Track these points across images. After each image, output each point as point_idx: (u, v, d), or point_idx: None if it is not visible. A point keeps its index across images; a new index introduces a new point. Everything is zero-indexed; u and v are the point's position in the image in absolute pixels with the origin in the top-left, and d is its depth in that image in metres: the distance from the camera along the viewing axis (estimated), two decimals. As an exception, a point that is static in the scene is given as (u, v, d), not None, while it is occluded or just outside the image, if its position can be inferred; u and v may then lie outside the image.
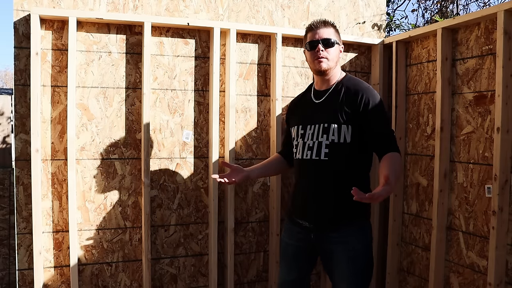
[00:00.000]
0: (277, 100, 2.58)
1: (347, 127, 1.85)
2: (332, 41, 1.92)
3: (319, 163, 1.88)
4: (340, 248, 1.85)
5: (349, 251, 1.84)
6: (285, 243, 2.04)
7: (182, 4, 2.48)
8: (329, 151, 1.86)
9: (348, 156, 1.86)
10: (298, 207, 1.98)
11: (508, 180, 2.07)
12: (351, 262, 1.84)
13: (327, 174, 1.88)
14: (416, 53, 2.67)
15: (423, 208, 2.60)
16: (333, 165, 1.87)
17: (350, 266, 1.84)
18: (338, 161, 1.86)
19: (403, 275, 2.76)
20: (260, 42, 2.62)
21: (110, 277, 2.39)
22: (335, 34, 1.95)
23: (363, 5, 2.90)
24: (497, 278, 2.07)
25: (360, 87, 1.90)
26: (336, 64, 1.96)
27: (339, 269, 1.86)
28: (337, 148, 1.86)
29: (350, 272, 1.84)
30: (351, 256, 1.84)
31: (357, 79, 1.99)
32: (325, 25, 1.94)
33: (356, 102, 1.85)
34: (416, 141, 2.66)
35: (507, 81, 2.05)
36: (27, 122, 2.20)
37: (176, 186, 2.49)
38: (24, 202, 2.22)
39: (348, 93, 1.89)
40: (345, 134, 1.84)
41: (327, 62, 1.91)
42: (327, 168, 1.87)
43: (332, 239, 1.87)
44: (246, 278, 2.66)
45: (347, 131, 1.84)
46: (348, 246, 1.84)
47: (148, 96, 2.33)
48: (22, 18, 2.18)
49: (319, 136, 1.89)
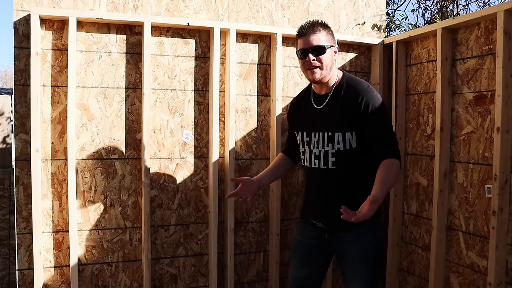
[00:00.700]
0: (277, 100, 2.58)
1: (351, 134, 1.83)
2: (324, 47, 1.82)
3: (327, 171, 1.88)
4: (352, 247, 1.88)
5: (361, 251, 1.87)
6: (297, 240, 2.06)
7: (182, 4, 2.48)
8: (336, 160, 1.86)
9: (354, 161, 1.87)
10: (311, 209, 2.00)
11: (508, 180, 2.07)
12: (362, 261, 1.87)
13: (336, 181, 1.89)
14: (416, 53, 2.67)
15: (423, 208, 2.60)
16: (341, 172, 1.87)
17: (362, 265, 1.87)
18: (346, 168, 1.87)
19: (403, 275, 2.76)
20: (260, 42, 2.62)
21: (110, 277, 2.39)
22: (326, 37, 1.84)
23: (363, 5, 2.90)
24: (497, 278, 2.07)
25: (359, 89, 1.84)
26: (331, 68, 1.87)
27: (351, 267, 1.89)
28: (343, 155, 1.85)
29: (362, 270, 1.87)
30: (362, 255, 1.87)
31: (356, 80, 1.91)
32: (315, 30, 1.83)
33: (356, 105, 1.81)
34: (416, 141, 2.66)
35: (507, 81, 2.05)
36: (27, 122, 2.20)
37: (176, 186, 2.49)
38: (24, 202, 2.22)
39: (348, 96, 1.84)
40: (350, 141, 1.84)
41: (320, 72, 1.83)
42: (336, 175, 1.88)
43: (345, 238, 1.90)
44: (246, 278, 2.66)
45: (352, 137, 1.83)
46: (360, 246, 1.87)
47: (148, 96, 2.33)
48: (22, 18, 2.18)
49: (324, 145, 1.88)
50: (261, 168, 2.63)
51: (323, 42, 1.83)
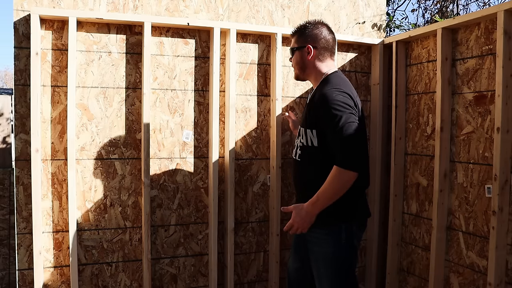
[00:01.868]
0: (277, 100, 2.58)
1: (312, 132, 1.86)
2: (292, 49, 1.97)
3: (295, 163, 1.99)
4: (314, 248, 1.89)
5: (322, 253, 1.86)
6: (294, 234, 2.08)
7: (182, 4, 2.48)
8: (301, 153, 1.94)
9: (315, 160, 1.87)
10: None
11: (508, 180, 2.07)
12: (323, 263, 1.86)
13: (300, 175, 1.96)
14: (416, 53, 2.67)
15: (423, 208, 2.60)
16: (303, 167, 1.93)
17: (323, 266, 1.87)
18: (307, 164, 1.91)
19: (403, 275, 2.76)
20: (260, 42, 2.62)
21: (110, 277, 2.39)
22: (296, 39, 1.96)
23: (363, 5, 2.90)
24: (497, 278, 2.07)
25: (322, 92, 1.80)
26: (306, 69, 1.94)
27: (315, 268, 1.91)
28: (305, 151, 1.91)
29: (325, 272, 1.86)
30: (323, 257, 1.86)
31: (327, 81, 1.86)
32: (292, 35, 2.00)
33: (317, 106, 1.81)
34: (416, 141, 2.66)
35: (507, 81, 2.05)
36: (27, 122, 2.20)
37: (176, 186, 2.49)
38: (24, 202, 2.22)
39: (315, 96, 1.86)
40: (311, 138, 1.87)
41: (294, 71, 2.01)
42: (299, 169, 1.96)
43: (308, 238, 1.91)
44: (246, 278, 2.66)
45: (313, 135, 1.86)
46: (321, 248, 1.86)
47: (148, 96, 2.33)
48: (22, 18, 2.18)
49: (300, 138, 1.97)
50: (261, 168, 2.63)
51: (292, 45, 1.99)
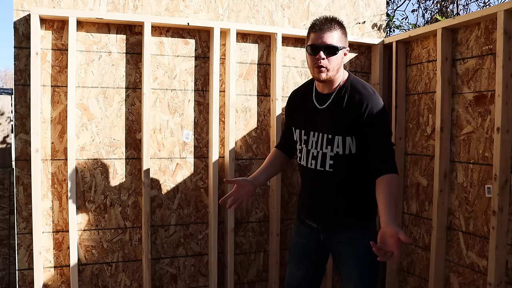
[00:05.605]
0: (277, 100, 2.58)
1: (352, 139, 1.78)
2: (336, 47, 1.73)
3: (324, 173, 1.84)
4: (346, 248, 1.87)
5: (355, 251, 1.86)
6: (295, 240, 2.05)
7: (182, 4, 2.48)
8: (334, 163, 1.81)
9: (352, 166, 1.83)
10: (306, 210, 1.98)
11: (508, 180, 2.07)
12: (357, 261, 1.86)
13: (332, 184, 1.86)
14: (416, 53, 2.67)
15: (423, 208, 2.60)
16: (338, 175, 1.84)
17: (356, 265, 1.86)
18: (343, 171, 1.84)
19: (403, 275, 2.76)
20: (260, 42, 2.62)
21: (110, 277, 2.39)
22: (341, 38, 1.76)
23: (363, 5, 2.90)
24: (497, 278, 2.07)
25: (365, 96, 1.77)
26: (338, 71, 1.79)
27: (346, 268, 1.88)
28: (341, 159, 1.81)
29: (356, 271, 1.86)
30: (356, 256, 1.86)
31: (361, 84, 1.83)
32: (331, 27, 1.73)
33: (359, 112, 1.75)
34: (416, 141, 2.66)
35: (507, 81, 2.05)
36: (27, 122, 2.20)
37: (176, 186, 2.49)
38: (24, 202, 2.22)
39: (352, 101, 1.78)
40: (349, 146, 1.79)
41: (326, 73, 1.75)
42: (332, 178, 1.85)
43: (339, 239, 1.89)
44: (246, 278, 2.66)
45: (352, 142, 1.79)
46: (354, 247, 1.86)
47: (148, 96, 2.33)
48: (22, 18, 2.18)
49: (323, 146, 1.82)
50: (261, 168, 2.63)
51: (336, 43, 1.74)
